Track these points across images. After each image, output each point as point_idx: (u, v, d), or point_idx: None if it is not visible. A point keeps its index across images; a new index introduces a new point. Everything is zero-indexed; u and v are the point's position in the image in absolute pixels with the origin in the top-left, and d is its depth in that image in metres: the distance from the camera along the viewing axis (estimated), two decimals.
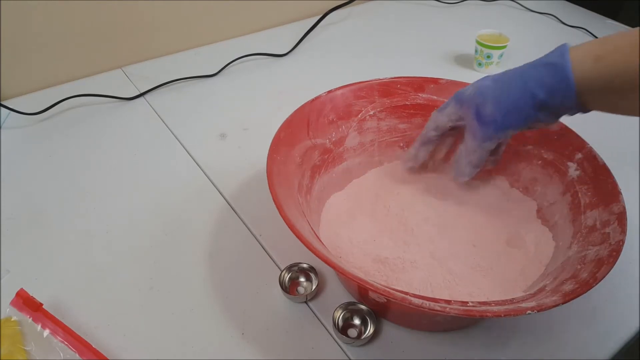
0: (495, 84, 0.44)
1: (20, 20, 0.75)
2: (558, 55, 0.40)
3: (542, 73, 0.40)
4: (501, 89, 0.43)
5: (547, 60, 0.41)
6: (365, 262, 0.50)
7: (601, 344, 0.47)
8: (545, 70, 0.40)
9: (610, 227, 0.43)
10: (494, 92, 0.44)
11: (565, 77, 0.39)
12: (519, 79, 0.42)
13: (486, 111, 0.44)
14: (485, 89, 0.45)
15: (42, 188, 0.63)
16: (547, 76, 0.40)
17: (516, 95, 0.42)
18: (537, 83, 0.41)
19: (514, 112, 0.43)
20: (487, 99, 0.44)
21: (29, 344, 0.45)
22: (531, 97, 0.41)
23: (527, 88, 0.41)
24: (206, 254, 0.55)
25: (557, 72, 0.39)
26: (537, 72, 0.41)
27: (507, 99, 0.43)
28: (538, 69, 0.41)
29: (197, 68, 0.87)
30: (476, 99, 0.45)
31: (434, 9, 1.12)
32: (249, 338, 0.47)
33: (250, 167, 0.66)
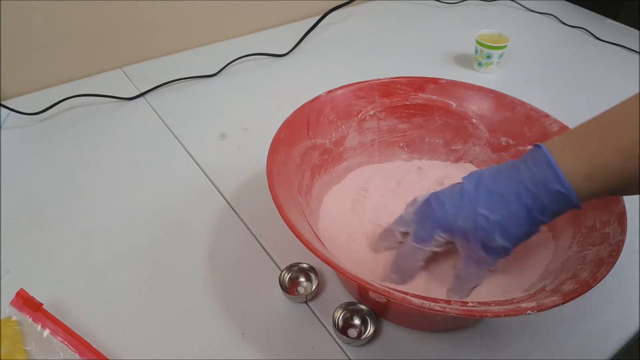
0: (496, 215, 0.41)
1: (20, 20, 0.75)
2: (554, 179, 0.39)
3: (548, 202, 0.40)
4: (507, 220, 0.41)
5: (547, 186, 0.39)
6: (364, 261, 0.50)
7: (601, 344, 0.47)
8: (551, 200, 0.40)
9: (610, 227, 0.43)
10: (500, 227, 0.41)
11: (572, 203, 0.39)
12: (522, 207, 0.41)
13: (495, 244, 0.42)
14: (485, 222, 0.42)
15: (42, 188, 0.63)
16: (553, 204, 0.40)
17: (524, 223, 0.41)
18: (544, 211, 0.40)
19: (523, 237, 0.42)
20: (494, 233, 0.42)
21: (29, 344, 0.45)
22: (539, 221, 0.41)
23: (535, 217, 0.41)
24: (206, 254, 0.55)
25: (565, 202, 0.39)
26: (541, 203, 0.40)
27: (516, 230, 0.41)
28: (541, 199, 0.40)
29: (197, 68, 0.87)
30: (479, 233, 0.42)
31: (434, 9, 1.12)
32: (249, 338, 0.47)
33: (250, 167, 0.66)
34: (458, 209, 0.43)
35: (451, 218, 0.43)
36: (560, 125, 0.54)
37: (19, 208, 0.60)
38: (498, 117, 0.58)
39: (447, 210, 0.43)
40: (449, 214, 0.43)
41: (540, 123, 0.55)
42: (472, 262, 0.44)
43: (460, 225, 0.43)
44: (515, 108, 0.57)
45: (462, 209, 0.43)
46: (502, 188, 0.41)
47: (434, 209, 0.44)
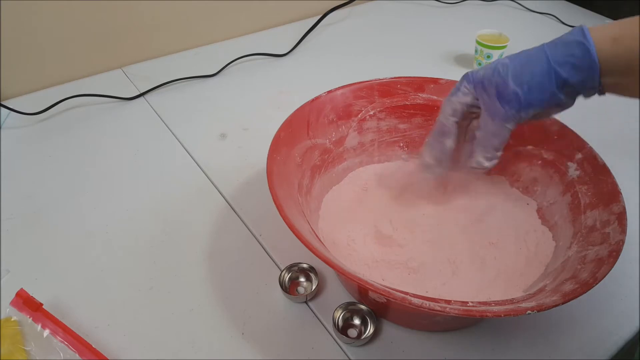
0: (514, 62, 0.43)
1: (20, 21, 0.75)
2: (579, 35, 0.39)
3: (566, 51, 0.40)
4: (522, 66, 0.42)
5: (570, 39, 0.40)
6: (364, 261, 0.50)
7: (601, 344, 0.47)
8: (569, 49, 0.40)
9: (610, 227, 0.43)
10: (514, 70, 0.43)
11: (590, 56, 0.39)
12: (541, 56, 0.41)
13: (508, 89, 0.43)
14: (504, 67, 0.43)
15: (42, 188, 0.63)
16: (571, 55, 0.40)
17: (539, 73, 0.41)
18: (561, 61, 0.40)
19: (537, 89, 0.42)
20: (507, 76, 0.43)
21: (29, 344, 0.45)
22: (555, 75, 0.41)
23: (551, 66, 0.41)
24: (206, 254, 0.55)
25: (582, 51, 0.39)
26: (560, 51, 0.40)
27: (530, 77, 0.42)
28: (561, 48, 0.40)
29: (197, 68, 0.87)
30: (494, 78, 0.44)
31: (434, 9, 1.12)
32: (249, 338, 0.47)
33: (250, 167, 0.66)
34: (486, 66, 0.46)
35: (476, 72, 0.46)
36: (560, 125, 0.54)
37: (19, 208, 0.60)
38: None
39: (477, 70, 0.47)
40: (476, 71, 0.46)
41: (540, 123, 0.55)
42: (489, 115, 0.45)
43: (481, 75, 0.45)
44: None
45: (490, 64, 0.45)
46: (530, 49, 0.43)
47: (466, 73, 0.48)
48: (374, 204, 0.57)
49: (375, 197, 0.58)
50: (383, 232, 0.53)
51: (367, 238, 0.53)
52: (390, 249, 0.52)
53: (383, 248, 0.52)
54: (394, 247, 0.52)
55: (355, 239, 0.52)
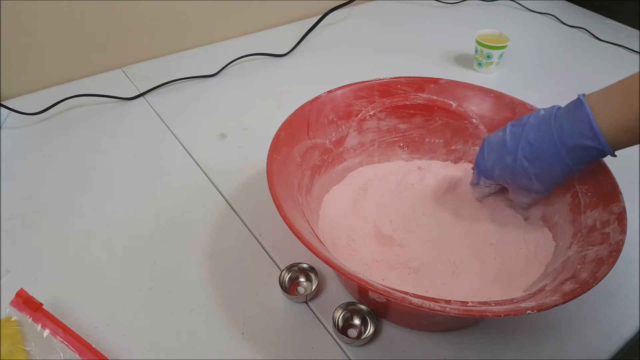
0: (529, 163, 0.46)
1: (20, 21, 0.75)
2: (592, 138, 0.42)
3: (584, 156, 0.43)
4: (544, 171, 0.46)
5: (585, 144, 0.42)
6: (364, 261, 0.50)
7: (601, 344, 0.47)
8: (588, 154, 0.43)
9: (610, 227, 0.43)
10: (535, 173, 0.46)
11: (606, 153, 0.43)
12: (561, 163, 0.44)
13: (535, 188, 0.48)
14: (522, 169, 0.46)
15: (42, 188, 0.63)
16: (589, 156, 0.43)
17: (561, 176, 0.46)
18: (581, 163, 0.44)
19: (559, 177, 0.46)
20: (530, 178, 0.47)
21: (29, 344, 0.45)
22: (575, 173, 0.45)
23: (570, 169, 0.45)
24: (206, 254, 0.55)
25: (598, 154, 0.43)
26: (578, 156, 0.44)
27: (552, 179, 0.46)
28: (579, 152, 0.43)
29: (197, 68, 0.87)
30: (517, 179, 0.48)
31: (434, 9, 1.12)
32: (249, 338, 0.47)
33: (250, 167, 0.66)
34: (499, 160, 0.48)
35: (489, 169, 0.50)
36: None
37: (19, 208, 0.60)
38: (498, 117, 0.58)
39: (487, 162, 0.50)
40: (487, 165, 0.50)
41: None
42: (519, 193, 0.51)
43: (499, 175, 0.49)
44: (515, 108, 0.57)
45: (503, 159, 0.48)
46: (543, 142, 0.45)
47: (477, 160, 0.51)
48: (374, 204, 0.57)
49: (375, 197, 0.58)
50: (383, 232, 0.53)
51: (367, 238, 0.53)
52: (390, 249, 0.52)
53: (383, 248, 0.52)
54: (394, 247, 0.52)
55: (355, 239, 0.52)
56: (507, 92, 0.58)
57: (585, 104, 0.42)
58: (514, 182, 0.48)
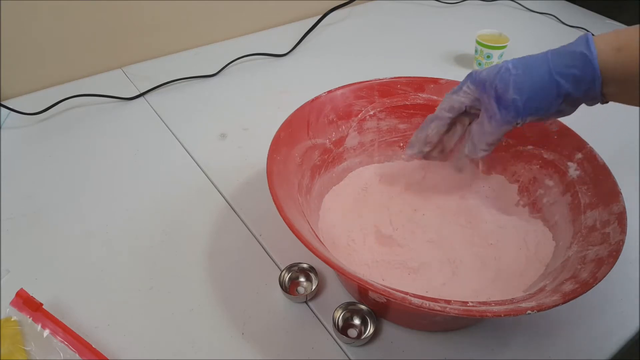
0: (517, 69, 0.43)
1: (20, 21, 0.75)
2: (583, 45, 0.40)
3: (568, 62, 0.40)
4: (524, 74, 0.42)
5: (574, 49, 0.40)
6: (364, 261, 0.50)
7: (601, 344, 0.47)
8: (572, 61, 0.40)
9: (610, 227, 0.43)
10: (516, 77, 0.43)
11: (592, 68, 0.39)
12: (544, 66, 0.42)
13: (508, 96, 0.43)
14: (506, 73, 0.43)
15: (42, 188, 0.63)
16: (574, 67, 0.40)
17: (541, 83, 0.42)
18: (564, 73, 0.41)
19: (536, 99, 0.42)
20: (509, 83, 0.43)
21: (29, 344, 0.45)
22: (556, 87, 0.41)
23: (553, 77, 0.41)
24: (206, 254, 0.55)
25: (585, 63, 0.39)
26: (563, 61, 0.41)
27: (530, 86, 0.42)
28: (564, 58, 0.41)
29: (197, 68, 0.87)
30: (496, 82, 0.44)
31: (434, 9, 1.12)
32: (249, 338, 0.47)
33: (250, 167, 0.66)
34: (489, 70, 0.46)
35: (479, 72, 0.46)
36: (560, 125, 0.54)
37: (19, 208, 0.60)
38: None
39: (481, 71, 0.46)
40: (480, 71, 0.46)
41: (540, 123, 0.55)
42: (487, 115, 0.46)
43: (484, 76, 0.46)
44: None
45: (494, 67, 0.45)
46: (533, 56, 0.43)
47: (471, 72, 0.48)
48: (374, 204, 0.57)
49: (375, 197, 0.58)
50: (383, 232, 0.53)
51: (367, 238, 0.53)
52: (390, 249, 0.52)
53: (383, 248, 0.52)
54: (394, 247, 0.52)
55: (355, 239, 0.52)
56: None
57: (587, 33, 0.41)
58: (491, 85, 0.44)
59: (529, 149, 0.56)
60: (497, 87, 0.44)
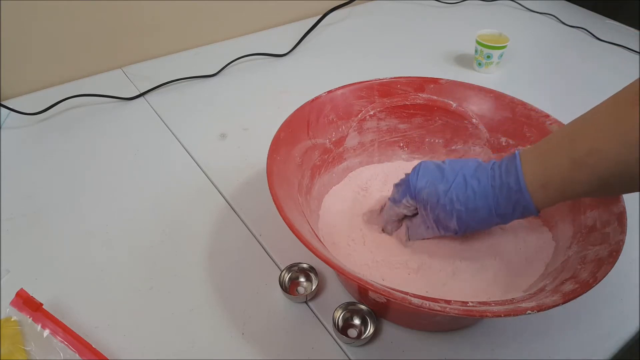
0: (459, 204, 0.45)
1: (20, 21, 0.75)
2: (515, 184, 0.42)
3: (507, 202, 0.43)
4: (467, 207, 0.45)
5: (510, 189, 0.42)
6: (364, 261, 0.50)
7: (601, 344, 0.47)
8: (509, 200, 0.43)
9: (610, 227, 0.43)
10: (459, 213, 0.45)
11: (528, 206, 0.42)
12: (485, 209, 0.44)
13: (450, 226, 0.47)
14: (449, 203, 0.46)
15: (42, 188, 0.63)
16: (510, 206, 0.43)
17: (481, 217, 0.45)
18: (502, 213, 0.44)
19: (477, 227, 0.46)
20: (452, 216, 0.46)
21: (29, 344, 0.45)
22: (496, 217, 0.44)
23: (493, 215, 0.44)
24: (206, 254, 0.55)
25: (519, 201, 0.42)
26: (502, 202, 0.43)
27: (472, 219, 0.45)
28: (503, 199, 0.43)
29: (197, 68, 0.87)
30: (438, 211, 0.47)
31: (434, 9, 1.12)
32: (249, 338, 0.47)
33: (250, 167, 0.66)
34: (431, 184, 0.47)
35: (419, 189, 0.48)
36: (560, 125, 0.54)
37: (19, 208, 0.60)
38: (498, 117, 0.58)
39: (419, 182, 0.48)
40: (418, 186, 0.48)
41: (540, 123, 0.55)
42: (423, 225, 0.50)
43: (424, 198, 0.48)
44: (515, 108, 0.57)
45: (435, 185, 0.47)
46: (476, 184, 0.45)
47: (410, 177, 0.49)
48: (374, 203, 0.57)
49: (375, 197, 0.58)
50: (383, 232, 0.53)
51: (367, 238, 0.53)
52: (390, 249, 0.52)
53: (383, 248, 0.52)
54: (394, 247, 0.52)
55: (355, 239, 0.52)
56: (507, 92, 0.58)
57: (517, 156, 0.43)
58: (434, 212, 0.47)
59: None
60: (439, 215, 0.47)
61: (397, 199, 0.50)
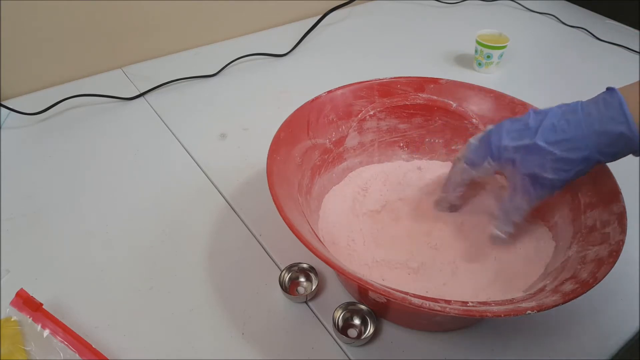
0: (552, 149, 0.42)
1: (20, 20, 0.75)
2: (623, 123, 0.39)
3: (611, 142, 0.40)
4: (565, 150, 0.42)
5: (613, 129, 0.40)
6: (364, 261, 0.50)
7: (601, 344, 0.47)
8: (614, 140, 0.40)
9: (610, 227, 0.43)
10: (553, 156, 0.42)
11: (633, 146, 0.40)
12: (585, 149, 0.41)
13: (546, 176, 0.43)
14: (540, 154, 0.42)
15: (42, 188, 0.63)
16: (615, 146, 0.40)
17: (581, 160, 0.42)
18: (606, 152, 0.41)
19: (577, 171, 0.42)
20: (546, 165, 0.42)
21: (29, 344, 0.45)
22: (595, 162, 0.41)
23: (595, 156, 0.41)
24: (206, 254, 0.55)
25: (626, 143, 0.40)
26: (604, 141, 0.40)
27: (570, 161, 0.42)
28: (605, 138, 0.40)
29: (197, 68, 0.87)
30: (531, 160, 0.43)
31: (434, 9, 1.12)
32: (249, 338, 0.47)
33: (250, 167, 0.66)
34: (516, 139, 0.44)
35: (503, 148, 0.44)
36: None
37: (19, 208, 0.60)
38: (498, 117, 0.58)
39: (502, 140, 0.44)
40: (502, 144, 0.44)
41: None
42: (518, 193, 0.45)
43: (511, 156, 0.44)
44: (515, 108, 0.57)
45: (521, 139, 0.43)
46: (568, 125, 0.42)
47: (491, 136, 0.45)
48: (374, 203, 0.57)
49: (374, 197, 0.57)
50: (383, 232, 0.53)
51: (366, 238, 0.53)
52: (390, 249, 0.52)
53: (383, 248, 0.52)
54: (394, 247, 0.52)
55: (355, 239, 0.52)
56: (507, 92, 0.58)
57: (617, 91, 0.40)
58: (525, 167, 0.43)
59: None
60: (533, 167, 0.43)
61: (476, 161, 0.46)
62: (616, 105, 0.39)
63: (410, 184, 0.59)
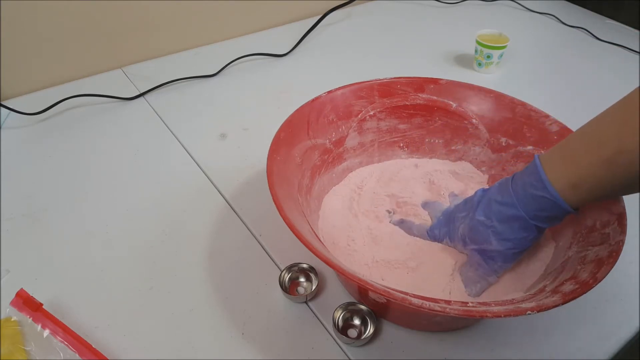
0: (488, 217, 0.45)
1: (20, 20, 0.75)
2: (542, 188, 0.41)
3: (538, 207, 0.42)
4: (499, 220, 0.44)
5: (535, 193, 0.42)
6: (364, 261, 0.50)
7: (601, 344, 0.47)
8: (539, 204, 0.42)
9: (610, 227, 0.43)
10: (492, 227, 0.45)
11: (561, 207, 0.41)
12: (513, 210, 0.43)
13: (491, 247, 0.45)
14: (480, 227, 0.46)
15: (42, 188, 0.63)
16: (542, 209, 0.42)
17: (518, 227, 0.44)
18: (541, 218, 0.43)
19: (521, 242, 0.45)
20: (488, 234, 0.45)
21: (29, 344, 0.45)
22: (531, 221, 0.43)
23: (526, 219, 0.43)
24: (206, 254, 0.55)
25: (551, 205, 0.42)
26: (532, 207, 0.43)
27: (510, 233, 0.44)
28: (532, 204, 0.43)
29: (197, 68, 0.87)
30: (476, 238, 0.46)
31: (434, 9, 1.12)
32: (249, 338, 0.47)
33: (250, 167, 0.66)
34: (461, 219, 0.48)
35: (453, 230, 0.49)
36: (560, 126, 0.54)
37: (19, 208, 0.60)
38: (498, 118, 0.58)
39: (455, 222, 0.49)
40: (452, 227, 0.49)
41: (540, 123, 0.55)
42: (472, 267, 0.48)
43: (461, 234, 0.48)
44: (515, 108, 0.57)
45: (464, 218, 0.48)
46: (500, 197, 0.45)
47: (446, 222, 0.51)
48: (368, 200, 0.57)
49: (369, 193, 0.57)
50: (383, 232, 0.53)
51: (366, 238, 0.53)
52: (390, 249, 0.52)
53: (383, 248, 0.52)
54: (394, 247, 0.52)
55: (355, 239, 0.52)
56: (507, 92, 0.58)
57: (536, 157, 0.43)
58: (474, 242, 0.47)
59: (529, 149, 0.56)
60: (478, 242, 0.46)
61: (437, 236, 0.51)
62: (534, 171, 0.42)
63: (403, 180, 0.59)
